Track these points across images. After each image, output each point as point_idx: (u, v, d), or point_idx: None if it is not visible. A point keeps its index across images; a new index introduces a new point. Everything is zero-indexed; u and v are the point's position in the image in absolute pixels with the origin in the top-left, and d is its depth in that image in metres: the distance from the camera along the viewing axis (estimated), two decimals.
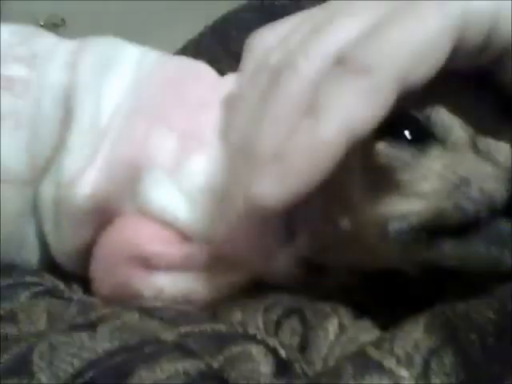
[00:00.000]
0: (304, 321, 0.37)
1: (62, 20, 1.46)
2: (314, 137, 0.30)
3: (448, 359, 0.26)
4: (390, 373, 0.27)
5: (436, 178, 0.33)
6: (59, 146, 0.44)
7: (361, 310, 0.37)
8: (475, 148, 0.33)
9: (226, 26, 0.69)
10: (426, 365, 0.27)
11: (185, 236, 0.42)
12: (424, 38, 0.30)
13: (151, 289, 0.41)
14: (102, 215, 0.43)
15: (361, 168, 0.35)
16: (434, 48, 0.30)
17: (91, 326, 0.34)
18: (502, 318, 0.28)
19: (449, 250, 0.33)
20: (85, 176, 0.42)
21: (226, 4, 0.71)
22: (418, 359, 0.27)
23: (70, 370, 0.31)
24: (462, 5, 0.30)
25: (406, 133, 0.34)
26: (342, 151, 0.30)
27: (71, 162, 0.43)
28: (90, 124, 0.44)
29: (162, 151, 0.42)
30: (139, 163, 0.42)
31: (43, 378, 0.31)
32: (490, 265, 0.32)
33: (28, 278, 0.45)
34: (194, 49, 0.69)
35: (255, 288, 0.43)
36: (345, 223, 0.37)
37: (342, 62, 0.30)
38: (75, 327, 0.34)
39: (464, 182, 0.32)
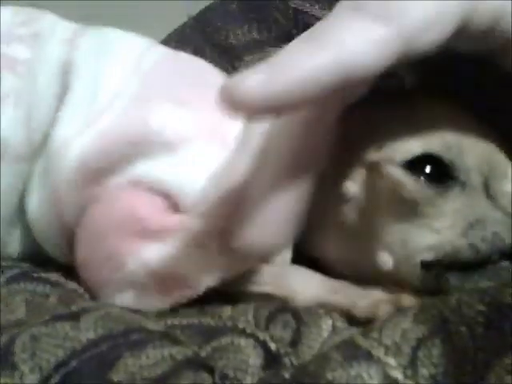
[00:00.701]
0: (297, 317, 0.36)
1: None
2: (311, 56, 0.30)
3: (436, 350, 0.26)
4: (377, 361, 0.26)
5: (454, 215, 0.36)
6: (55, 119, 0.44)
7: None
8: (487, 193, 0.36)
9: (210, 17, 0.69)
10: (414, 354, 0.26)
11: (179, 207, 0.41)
12: (437, 8, 0.32)
13: (137, 261, 0.40)
14: (87, 187, 0.42)
15: (387, 200, 0.37)
16: (443, 18, 0.32)
17: (74, 317, 0.33)
18: (491, 309, 0.27)
19: (455, 283, 0.35)
20: (73, 146, 0.42)
21: None
22: (406, 349, 0.26)
23: (53, 360, 0.31)
24: None
25: (428, 170, 0.36)
26: (330, 84, 0.30)
27: (61, 131, 0.43)
28: (85, 99, 0.44)
29: (166, 128, 0.42)
30: (140, 141, 0.42)
31: (26, 370, 0.31)
32: None
33: (3, 263, 0.44)
34: (178, 39, 0.69)
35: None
36: (384, 259, 0.38)
37: (358, 3, 0.31)
38: (58, 317, 0.34)
39: (480, 223, 0.35)
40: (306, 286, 0.40)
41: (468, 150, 0.37)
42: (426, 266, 0.36)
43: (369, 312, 0.37)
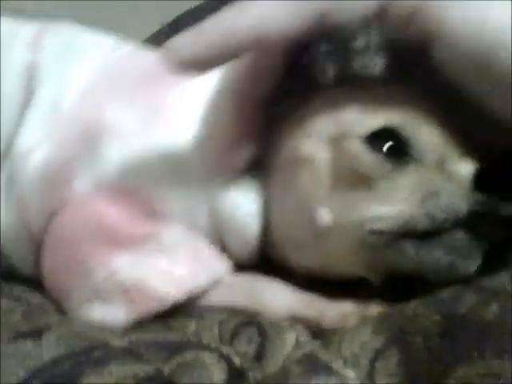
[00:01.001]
0: (262, 331, 0.36)
1: None
2: (232, 21, 0.36)
3: (393, 360, 0.27)
4: (336, 374, 0.27)
5: (411, 189, 0.37)
6: (19, 125, 0.43)
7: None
8: (442, 168, 0.38)
9: (184, 24, 0.70)
10: (372, 365, 0.27)
11: (152, 211, 0.41)
12: None
13: (105, 270, 0.39)
14: (52, 193, 0.42)
15: (331, 169, 0.38)
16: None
17: (37, 333, 0.33)
18: (447, 320, 0.28)
19: (412, 253, 0.36)
20: (36, 153, 0.42)
21: (185, 3, 0.72)
22: (364, 360, 0.27)
23: (14, 380, 0.30)
24: None
25: (386, 146, 0.37)
26: (248, 43, 0.36)
27: (25, 138, 0.42)
28: (50, 104, 0.43)
29: (122, 122, 0.42)
30: (97, 131, 0.42)
31: None
32: (445, 269, 0.35)
33: None
34: (152, 46, 0.69)
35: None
36: (323, 215, 0.38)
37: None
38: (20, 335, 0.33)
39: (434, 194, 0.36)
40: (276, 298, 0.40)
41: (425, 129, 0.38)
42: (374, 233, 0.37)
43: (338, 323, 0.37)
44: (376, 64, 0.37)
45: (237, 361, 0.34)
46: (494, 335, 0.26)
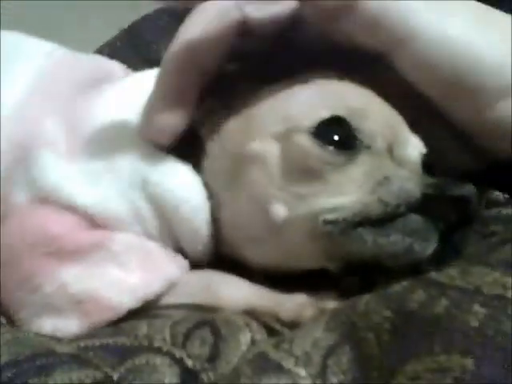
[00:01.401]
0: (215, 331, 0.36)
1: None
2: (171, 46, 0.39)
3: (345, 356, 0.27)
4: (288, 373, 0.26)
5: (362, 177, 0.37)
6: None
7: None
8: (392, 155, 0.38)
9: (140, 31, 0.69)
10: (324, 363, 0.27)
11: (94, 223, 0.40)
12: None
13: (54, 283, 0.39)
14: None
15: (282, 164, 0.38)
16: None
17: None
18: (397, 316, 0.28)
19: (369, 239, 0.36)
20: None
21: (142, 8, 0.72)
22: (316, 358, 0.27)
23: None
24: None
25: (336, 137, 0.38)
26: (183, 62, 0.39)
27: None
28: None
29: (54, 137, 0.42)
30: (29, 144, 0.41)
31: None
32: (403, 253, 0.36)
33: None
34: (109, 52, 0.68)
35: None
36: (275, 212, 0.38)
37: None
38: None
39: (386, 180, 0.37)
40: (233, 292, 0.40)
41: (372, 115, 0.38)
42: (329, 223, 0.37)
43: (294, 314, 0.37)
44: None
45: (190, 363, 0.33)
46: (443, 330, 0.26)
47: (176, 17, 0.41)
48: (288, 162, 0.38)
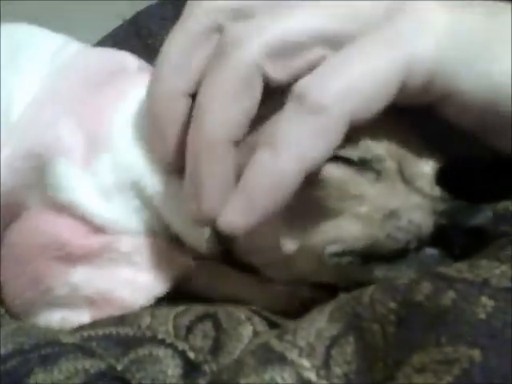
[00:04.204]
0: (217, 325, 0.36)
1: None
2: (273, 170, 0.32)
3: (349, 347, 0.26)
4: (291, 364, 0.26)
5: (371, 205, 0.35)
6: None
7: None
8: (402, 177, 0.36)
9: (144, 21, 0.69)
10: (328, 353, 0.26)
11: (102, 230, 0.40)
12: (373, 79, 0.33)
13: (65, 285, 0.39)
14: (7, 212, 0.41)
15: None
16: (381, 88, 0.34)
17: None
18: (403, 307, 0.28)
19: (380, 274, 0.35)
20: None
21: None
22: (320, 349, 0.26)
23: None
24: (407, 50, 0.34)
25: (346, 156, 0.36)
26: (298, 182, 0.33)
27: None
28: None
29: (70, 145, 0.41)
30: (45, 152, 0.41)
31: None
32: None
33: None
34: (112, 43, 0.67)
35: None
36: (285, 245, 0.38)
37: (298, 98, 0.33)
38: None
39: (395, 213, 0.34)
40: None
41: (375, 137, 0.36)
42: (335, 255, 0.36)
43: (270, 304, 0.38)
44: None
45: (192, 355, 0.33)
46: (450, 322, 0.26)
47: (180, 7, 0.39)
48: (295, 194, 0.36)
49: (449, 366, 0.24)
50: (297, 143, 0.32)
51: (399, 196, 0.35)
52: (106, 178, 0.40)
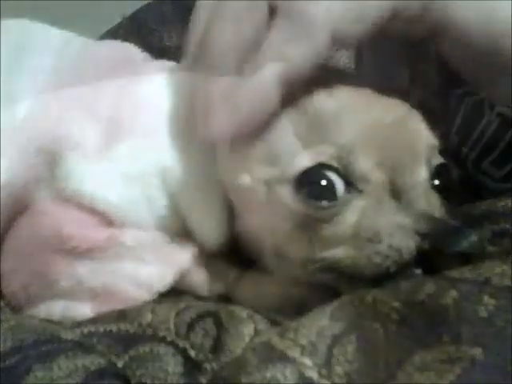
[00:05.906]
0: (218, 323, 0.36)
1: None
2: (255, 78, 0.33)
3: (351, 346, 0.26)
4: (293, 362, 0.26)
5: (352, 230, 0.34)
6: None
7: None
8: (393, 187, 0.35)
9: (144, 18, 0.69)
10: (329, 352, 0.26)
11: (109, 222, 0.40)
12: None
13: (70, 278, 0.39)
14: (17, 205, 0.41)
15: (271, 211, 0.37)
16: (369, 9, 0.34)
17: None
18: (405, 307, 0.28)
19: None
20: None
21: None
22: (321, 347, 0.26)
23: None
24: None
25: (319, 188, 0.35)
26: (278, 91, 0.33)
27: None
28: (3, 108, 0.41)
29: (82, 137, 0.41)
30: (56, 148, 0.40)
31: None
32: None
33: None
34: (111, 40, 0.67)
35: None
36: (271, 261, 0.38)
37: (286, 11, 0.34)
38: None
39: (375, 237, 0.34)
40: None
41: (364, 148, 0.34)
42: (318, 271, 0.36)
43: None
44: None
45: (193, 353, 0.33)
46: (452, 321, 0.26)
47: (180, 4, 0.39)
48: (273, 209, 0.36)
49: (451, 364, 0.24)
50: (277, 51, 0.33)
51: (382, 218, 0.34)
52: (124, 165, 0.40)
